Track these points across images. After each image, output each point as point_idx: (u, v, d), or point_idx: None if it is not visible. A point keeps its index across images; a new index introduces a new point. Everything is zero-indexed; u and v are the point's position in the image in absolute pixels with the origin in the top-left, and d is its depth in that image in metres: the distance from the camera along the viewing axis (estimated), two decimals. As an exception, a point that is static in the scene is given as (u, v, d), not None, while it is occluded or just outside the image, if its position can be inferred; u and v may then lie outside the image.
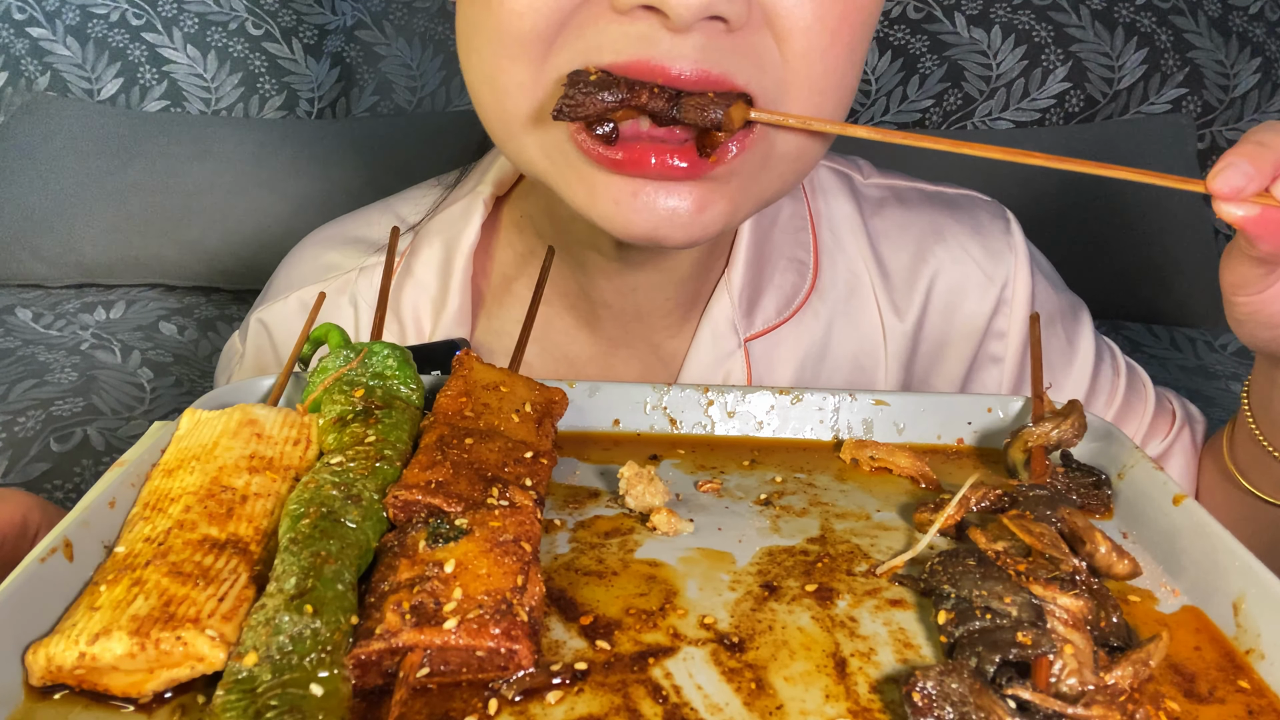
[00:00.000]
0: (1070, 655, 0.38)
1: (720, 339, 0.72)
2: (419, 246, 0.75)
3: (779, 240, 0.75)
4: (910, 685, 0.36)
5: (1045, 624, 0.39)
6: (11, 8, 2.00)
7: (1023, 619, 0.40)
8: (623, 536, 0.48)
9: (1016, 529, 0.45)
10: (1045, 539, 0.44)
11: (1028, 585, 0.41)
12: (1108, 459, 0.54)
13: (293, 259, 0.82)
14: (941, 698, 0.36)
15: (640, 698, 0.38)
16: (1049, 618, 0.40)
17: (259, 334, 0.79)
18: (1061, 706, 0.36)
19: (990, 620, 0.40)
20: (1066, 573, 0.42)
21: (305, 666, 0.35)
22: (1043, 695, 0.36)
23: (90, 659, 0.36)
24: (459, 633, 0.37)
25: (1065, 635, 0.39)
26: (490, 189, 0.75)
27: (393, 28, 2.08)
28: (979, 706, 0.36)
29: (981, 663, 0.38)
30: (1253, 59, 2.03)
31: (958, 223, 0.79)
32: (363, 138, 1.95)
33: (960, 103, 2.04)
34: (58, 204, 1.86)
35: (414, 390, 0.52)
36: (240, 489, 0.44)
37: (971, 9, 2.03)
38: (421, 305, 0.74)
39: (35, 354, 1.63)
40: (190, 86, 2.04)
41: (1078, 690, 0.37)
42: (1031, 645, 0.38)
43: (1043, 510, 0.47)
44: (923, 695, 0.36)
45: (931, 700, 0.36)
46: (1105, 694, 0.37)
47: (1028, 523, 0.45)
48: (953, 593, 0.42)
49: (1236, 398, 1.63)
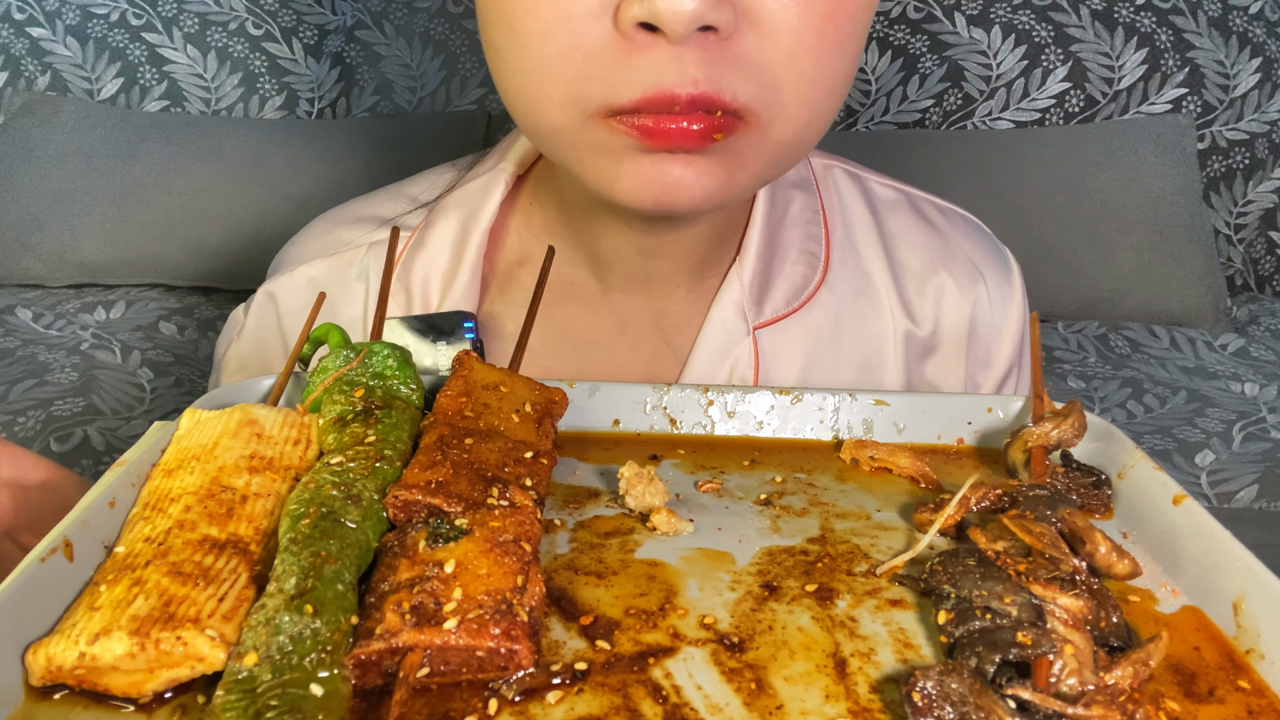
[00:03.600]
0: (1070, 655, 0.38)
1: (729, 326, 0.73)
2: (434, 220, 0.76)
3: (790, 232, 0.76)
4: (910, 685, 0.36)
5: (1045, 624, 0.39)
6: (11, 8, 2.00)
7: (1023, 619, 0.40)
8: (623, 536, 0.48)
9: (1016, 529, 0.45)
10: (1045, 539, 0.44)
11: (1028, 585, 0.41)
12: (1107, 459, 0.54)
13: (303, 235, 0.83)
14: (941, 698, 0.36)
15: (640, 698, 0.38)
16: (1049, 618, 0.40)
17: (264, 306, 0.79)
18: (1061, 707, 0.36)
19: (990, 620, 0.40)
20: (1066, 573, 0.42)
21: (305, 666, 0.35)
22: (1043, 695, 0.36)
23: (90, 659, 0.36)
24: (459, 633, 0.37)
25: (1065, 635, 0.39)
26: (513, 167, 0.75)
27: (393, 28, 2.08)
28: (979, 706, 0.36)
29: (981, 663, 0.38)
30: (1253, 59, 2.04)
31: (972, 244, 0.80)
32: (363, 138, 1.95)
33: (960, 103, 2.04)
34: (58, 204, 1.86)
35: (414, 390, 0.52)
36: (240, 489, 0.44)
37: (971, 9, 2.03)
38: (431, 278, 0.74)
39: (35, 354, 1.63)
40: (190, 86, 2.04)
41: (1078, 690, 0.37)
42: (1032, 645, 0.38)
43: (1043, 510, 0.47)
44: (923, 695, 0.36)
45: (931, 700, 0.36)
46: (1105, 694, 0.37)
47: (1028, 523, 0.45)
48: (953, 593, 0.42)
49: (1237, 397, 1.64)
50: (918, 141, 1.94)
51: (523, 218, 0.77)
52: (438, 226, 0.75)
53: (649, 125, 0.54)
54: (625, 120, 0.55)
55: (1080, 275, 1.89)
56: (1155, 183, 1.92)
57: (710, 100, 0.53)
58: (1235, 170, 2.08)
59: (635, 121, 0.54)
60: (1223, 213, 2.10)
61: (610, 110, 0.55)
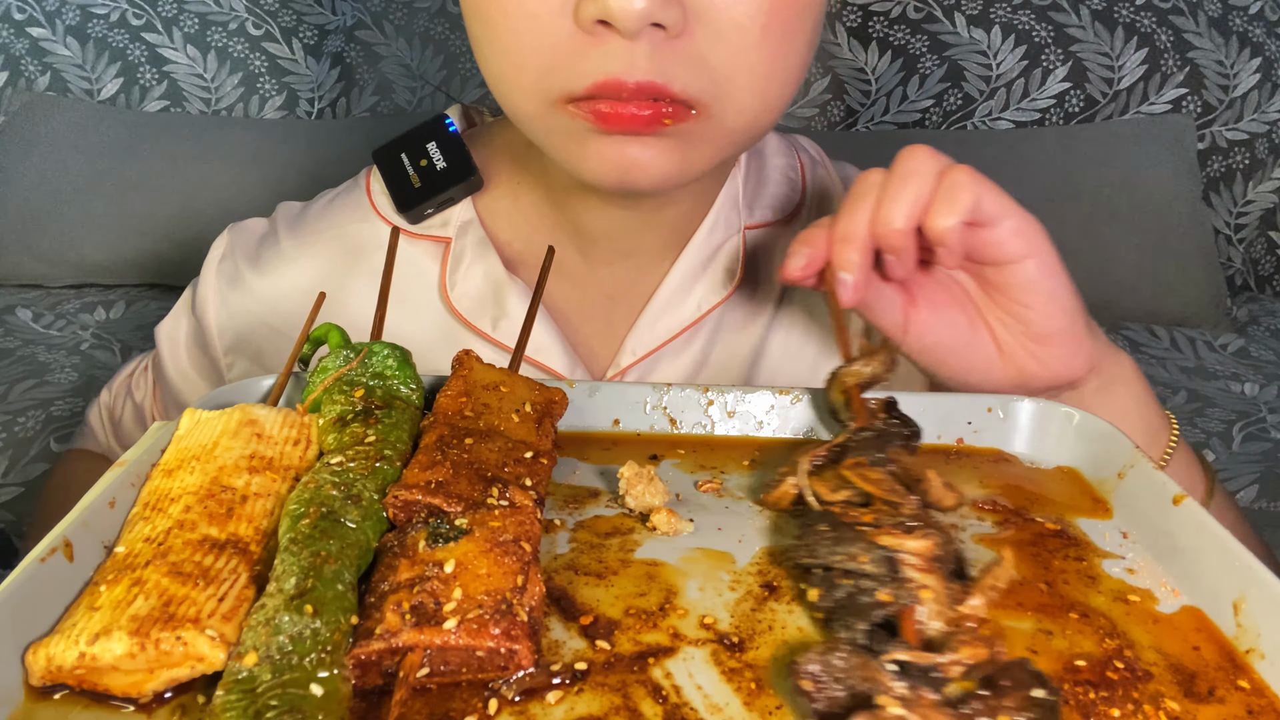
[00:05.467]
0: (929, 600, 0.40)
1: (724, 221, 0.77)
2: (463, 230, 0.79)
3: (771, 174, 0.80)
4: (796, 674, 0.36)
5: (900, 574, 0.41)
6: (11, 8, 2.00)
7: (880, 574, 0.41)
8: (623, 536, 0.48)
9: (855, 478, 0.47)
10: (884, 485, 0.46)
11: (876, 538, 0.42)
12: (1107, 459, 0.54)
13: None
14: (829, 677, 0.36)
15: (640, 698, 0.38)
16: (902, 566, 0.41)
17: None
18: (937, 659, 0.37)
19: (853, 584, 0.41)
20: (908, 516, 0.44)
21: (305, 666, 0.35)
22: (917, 652, 0.37)
23: (90, 659, 0.36)
24: (459, 633, 0.37)
25: (921, 581, 0.40)
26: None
27: (393, 28, 2.08)
28: (864, 678, 0.36)
29: (852, 632, 0.39)
30: (1253, 59, 2.03)
31: None
32: (363, 138, 1.95)
33: (960, 103, 2.04)
34: (58, 204, 1.86)
35: (414, 390, 0.52)
36: (240, 489, 0.44)
37: (971, 9, 2.02)
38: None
39: (35, 354, 1.63)
40: (190, 86, 2.04)
41: (944, 633, 0.39)
42: (893, 602, 0.39)
43: (873, 452, 0.49)
44: (811, 679, 0.36)
45: (820, 683, 0.36)
46: (969, 632, 0.38)
47: (864, 469, 0.47)
48: (814, 564, 0.43)
49: (1237, 397, 1.64)
50: (918, 141, 1.94)
51: (510, 200, 0.78)
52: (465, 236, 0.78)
53: (603, 110, 0.59)
54: (583, 106, 0.59)
55: (1080, 275, 1.87)
56: (1155, 183, 1.91)
57: (656, 89, 0.58)
58: (1235, 170, 2.08)
59: (591, 107, 0.59)
60: (1223, 213, 2.09)
61: (569, 97, 0.59)
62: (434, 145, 0.78)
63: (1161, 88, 2.03)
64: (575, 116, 0.60)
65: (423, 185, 0.77)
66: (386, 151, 0.79)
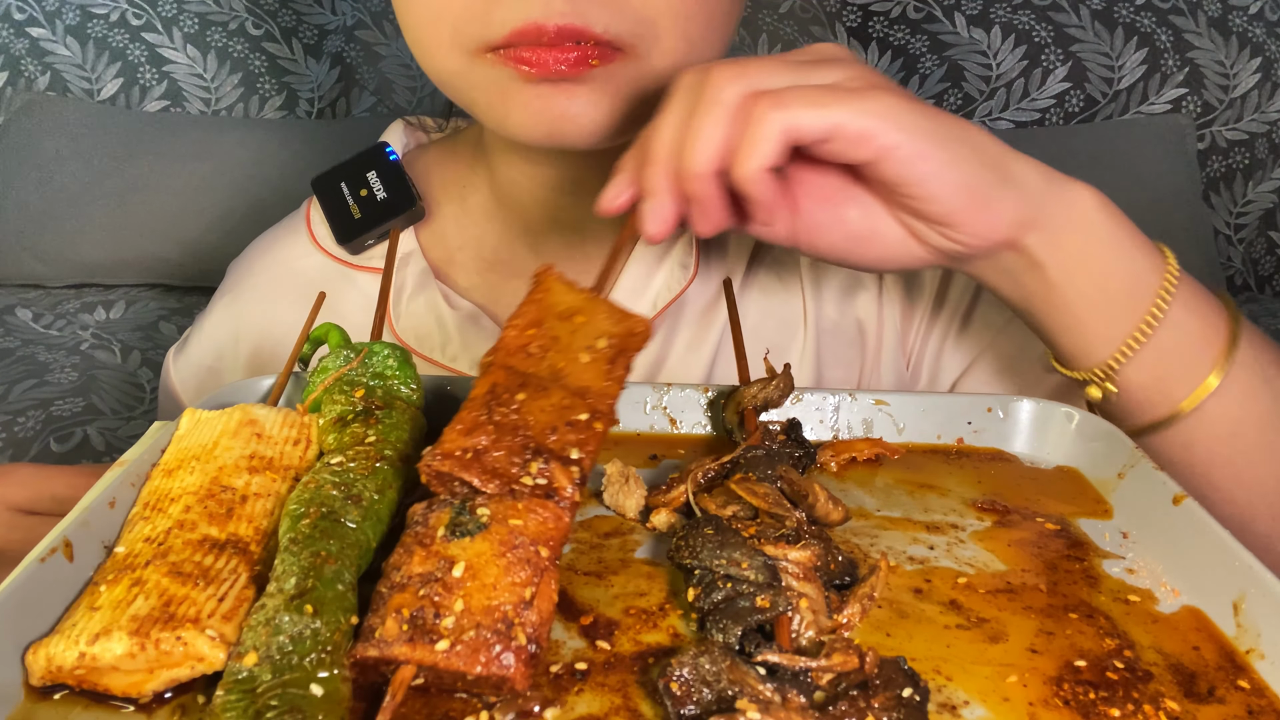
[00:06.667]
0: (806, 608, 0.40)
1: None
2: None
3: None
4: (666, 677, 0.36)
5: (781, 582, 0.41)
6: (11, 8, 2.00)
7: (760, 581, 0.41)
8: (623, 537, 0.48)
9: (742, 492, 0.47)
10: (770, 499, 0.47)
11: (760, 547, 0.43)
12: (1108, 459, 0.54)
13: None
14: (698, 681, 0.36)
15: (640, 698, 0.38)
16: (783, 574, 0.42)
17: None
18: (807, 663, 0.37)
19: (731, 588, 0.41)
20: (791, 529, 0.44)
21: (305, 666, 0.35)
22: (789, 655, 0.38)
23: (90, 659, 0.36)
24: (450, 655, 0.36)
25: (800, 590, 0.41)
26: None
27: (393, 28, 2.08)
28: (732, 681, 0.36)
29: (727, 635, 0.39)
30: (1253, 59, 2.03)
31: None
32: (363, 138, 1.95)
33: (960, 103, 2.04)
34: (58, 204, 1.86)
35: (414, 390, 0.52)
36: (240, 489, 0.44)
37: (971, 9, 2.03)
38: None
39: (35, 354, 1.63)
40: (190, 86, 2.04)
41: (817, 640, 0.39)
42: (770, 608, 0.40)
43: (763, 470, 0.50)
44: (680, 683, 0.36)
45: (689, 686, 0.36)
46: (842, 641, 0.38)
47: (752, 484, 0.48)
48: (696, 566, 0.43)
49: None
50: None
51: (458, 204, 0.79)
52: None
53: (525, 55, 0.59)
54: (503, 54, 0.60)
55: (1080, 275, 1.88)
56: (1155, 183, 1.91)
57: (577, 31, 0.58)
58: (1235, 170, 2.08)
59: (513, 54, 0.59)
60: (1223, 213, 2.09)
61: (487, 45, 0.60)
62: (374, 174, 0.77)
63: (1161, 88, 2.03)
64: (496, 64, 0.60)
65: (363, 216, 0.76)
66: (326, 180, 0.78)
